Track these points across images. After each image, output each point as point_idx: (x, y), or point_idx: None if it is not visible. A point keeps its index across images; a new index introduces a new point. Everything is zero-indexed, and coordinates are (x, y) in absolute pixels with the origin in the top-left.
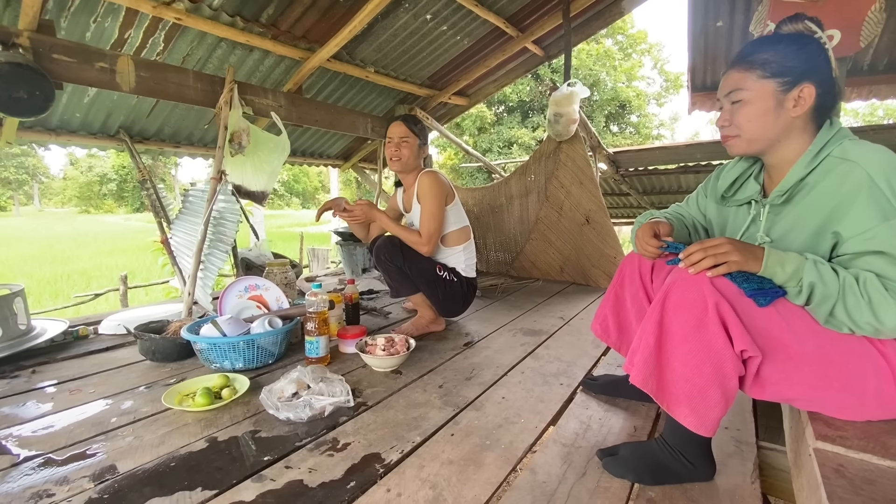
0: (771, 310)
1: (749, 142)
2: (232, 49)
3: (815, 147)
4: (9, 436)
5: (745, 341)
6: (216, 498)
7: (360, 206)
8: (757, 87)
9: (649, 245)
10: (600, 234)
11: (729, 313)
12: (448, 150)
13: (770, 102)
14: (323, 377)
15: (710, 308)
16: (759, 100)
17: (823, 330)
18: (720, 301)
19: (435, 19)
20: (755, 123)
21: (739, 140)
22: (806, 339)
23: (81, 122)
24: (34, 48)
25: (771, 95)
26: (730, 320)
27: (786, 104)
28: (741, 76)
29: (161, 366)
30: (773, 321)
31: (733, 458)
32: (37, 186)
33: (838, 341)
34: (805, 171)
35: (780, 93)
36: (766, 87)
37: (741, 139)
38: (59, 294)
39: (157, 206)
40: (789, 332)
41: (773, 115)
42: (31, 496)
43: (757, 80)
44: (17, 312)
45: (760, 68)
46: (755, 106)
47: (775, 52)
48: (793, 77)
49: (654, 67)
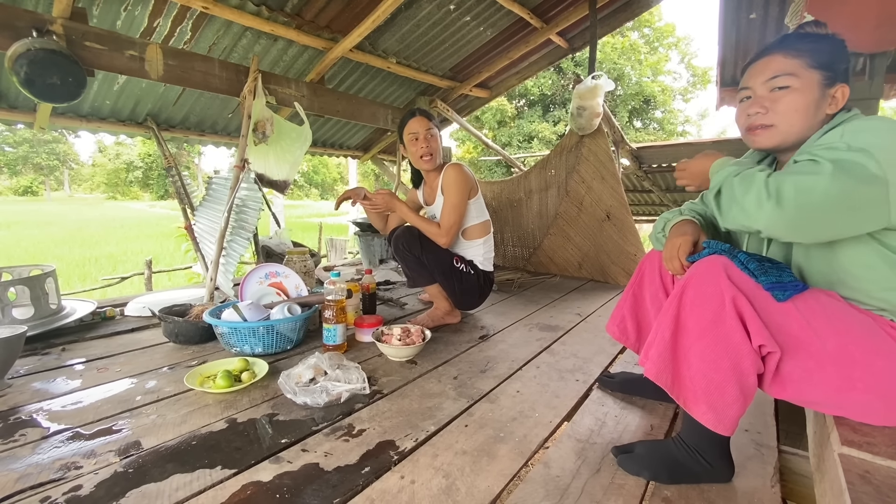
0: (790, 306)
1: (784, 133)
2: (257, 38)
3: (828, 126)
4: (39, 410)
5: (764, 336)
6: (235, 477)
7: (382, 196)
8: (807, 76)
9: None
10: (621, 230)
11: (746, 308)
12: (467, 144)
13: (816, 93)
14: (340, 364)
15: (727, 302)
16: (808, 89)
17: (845, 329)
18: (737, 295)
19: (458, 9)
20: (800, 115)
21: (774, 131)
22: (827, 338)
23: (111, 109)
24: (67, 35)
25: (818, 87)
26: (747, 315)
27: (826, 99)
28: (789, 62)
29: (183, 348)
30: (792, 318)
31: (753, 460)
32: (67, 172)
33: (862, 341)
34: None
35: (823, 86)
36: (814, 77)
37: (777, 129)
38: (88, 276)
39: (181, 193)
40: (809, 330)
41: (815, 108)
42: (59, 467)
43: (807, 68)
44: (48, 292)
45: (810, 56)
46: (803, 95)
47: (821, 45)
48: (835, 74)
49: (682, 62)
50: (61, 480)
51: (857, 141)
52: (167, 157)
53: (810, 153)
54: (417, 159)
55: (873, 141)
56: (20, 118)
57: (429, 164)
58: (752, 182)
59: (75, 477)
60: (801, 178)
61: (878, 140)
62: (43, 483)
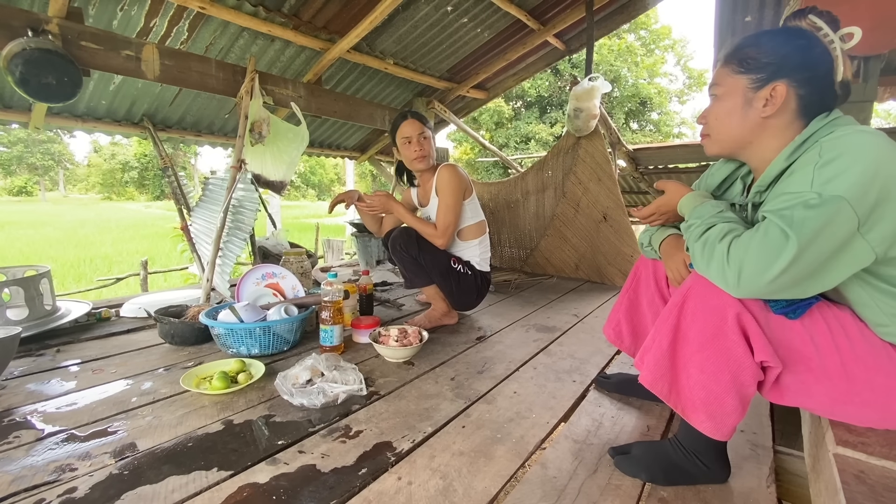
0: (795, 321)
1: (718, 142)
2: (254, 39)
3: (801, 138)
4: (34, 411)
5: (767, 353)
6: (231, 478)
7: (378, 197)
8: (729, 83)
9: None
10: (617, 231)
11: (751, 324)
12: (464, 145)
13: (738, 100)
14: (337, 365)
15: (730, 317)
16: (729, 96)
17: (847, 346)
18: (742, 312)
19: (456, 11)
20: (722, 122)
21: (710, 140)
22: (828, 354)
23: (107, 109)
24: (63, 35)
25: (741, 92)
26: (752, 331)
27: (755, 103)
28: (721, 70)
29: (180, 349)
30: (795, 333)
31: (749, 461)
32: (62, 173)
33: (864, 358)
34: (785, 164)
35: (750, 90)
36: (737, 83)
37: (712, 139)
38: (83, 277)
39: (177, 194)
40: (812, 346)
41: (741, 113)
42: (54, 469)
43: (731, 75)
44: (43, 293)
45: (738, 63)
46: (725, 103)
47: (756, 47)
48: (766, 74)
49: (678, 64)
50: (56, 482)
51: (830, 182)
52: (163, 157)
53: (776, 210)
54: (411, 162)
55: (851, 178)
56: (15, 118)
57: (423, 166)
58: (713, 253)
59: (70, 479)
60: (765, 255)
61: (856, 176)
62: (37, 485)
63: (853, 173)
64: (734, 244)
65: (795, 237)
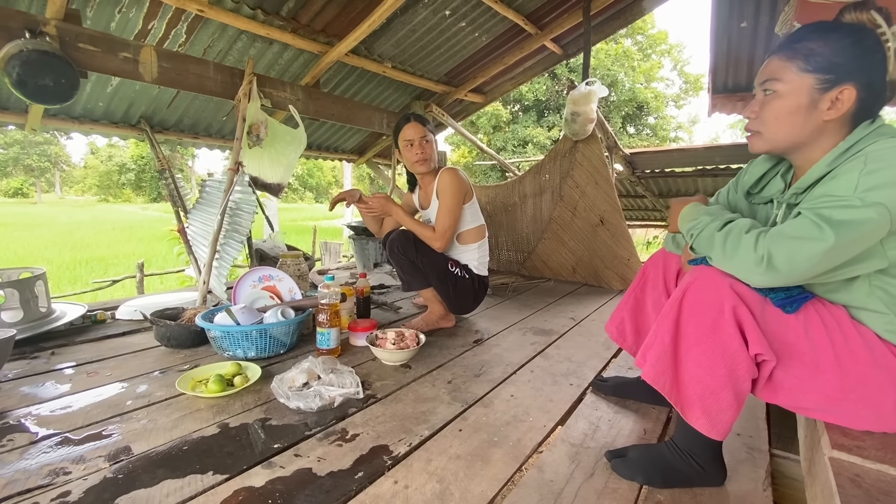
0: (790, 316)
1: (770, 141)
2: (252, 42)
3: (845, 145)
4: (28, 414)
5: (762, 345)
6: (227, 482)
7: (378, 199)
8: (794, 80)
9: None
10: (614, 235)
11: (746, 317)
12: (462, 148)
13: (804, 100)
14: (333, 368)
15: (726, 310)
16: (792, 95)
17: (842, 342)
18: (738, 304)
19: (454, 15)
20: (782, 122)
21: (760, 138)
22: (822, 349)
23: (104, 110)
24: (60, 37)
25: (806, 92)
26: (746, 323)
27: (820, 105)
28: (781, 65)
29: (175, 352)
30: (791, 327)
31: (745, 464)
32: (58, 174)
33: (858, 353)
34: (826, 170)
35: (817, 91)
36: (804, 81)
37: (762, 137)
38: (78, 279)
39: (174, 196)
40: (806, 340)
41: (804, 114)
42: (48, 473)
43: (797, 72)
44: (38, 295)
45: (804, 59)
46: (786, 101)
47: (825, 42)
48: (836, 75)
49: (674, 69)
50: (49, 486)
51: (874, 191)
52: (160, 159)
53: (814, 209)
54: (412, 164)
55: (894, 189)
56: (11, 119)
57: (424, 169)
58: (739, 243)
59: (64, 483)
60: (798, 244)
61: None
62: (31, 489)
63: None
64: (763, 235)
65: (833, 234)
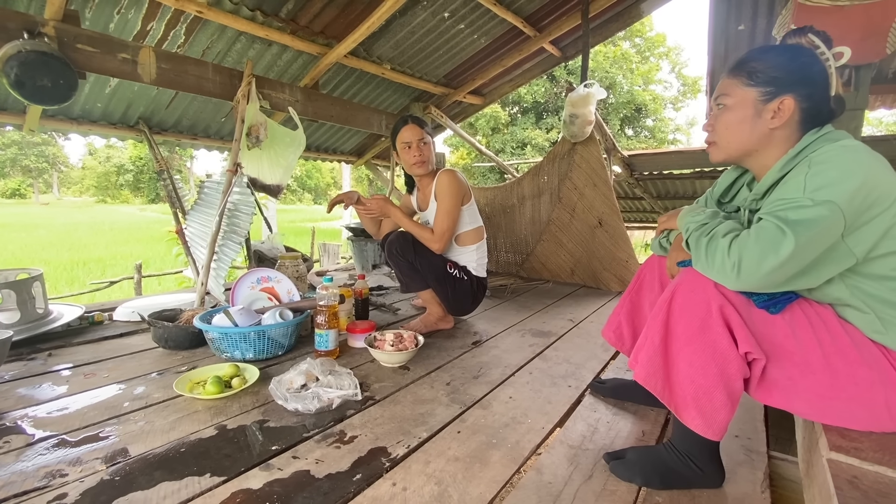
0: (776, 316)
1: (725, 150)
2: (251, 43)
3: (794, 151)
4: (24, 416)
5: (750, 344)
6: (224, 484)
7: (376, 201)
8: (739, 94)
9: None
10: (613, 237)
11: (734, 316)
12: (461, 150)
13: (749, 111)
14: (331, 370)
15: (713, 310)
16: (738, 107)
17: (829, 341)
18: (724, 304)
19: (453, 17)
20: (731, 131)
21: (716, 148)
22: (810, 349)
23: (102, 111)
24: (59, 37)
25: (751, 104)
26: (734, 323)
27: (764, 115)
28: (730, 82)
29: (173, 353)
30: (777, 327)
31: (743, 466)
32: (56, 175)
33: (846, 352)
34: (779, 175)
35: (759, 102)
36: (747, 94)
37: (718, 147)
38: (76, 281)
39: (173, 197)
40: (793, 340)
41: (750, 123)
42: (44, 475)
43: (741, 87)
44: (35, 296)
45: (747, 76)
46: (734, 113)
47: (764, 61)
48: (775, 87)
49: (672, 71)
50: (46, 488)
51: (821, 190)
52: (159, 160)
53: (772, 212)
54: (410, 166)
55: (838, 186)
56: (9, 120)
57: (422, 171)
58: (717, 247)
59: (60, 485)
60: (763, 247)
61: (842, 183)
62: (27, 491)
63: (840, 181)
64: (736, 240)
65: (793, 235)
